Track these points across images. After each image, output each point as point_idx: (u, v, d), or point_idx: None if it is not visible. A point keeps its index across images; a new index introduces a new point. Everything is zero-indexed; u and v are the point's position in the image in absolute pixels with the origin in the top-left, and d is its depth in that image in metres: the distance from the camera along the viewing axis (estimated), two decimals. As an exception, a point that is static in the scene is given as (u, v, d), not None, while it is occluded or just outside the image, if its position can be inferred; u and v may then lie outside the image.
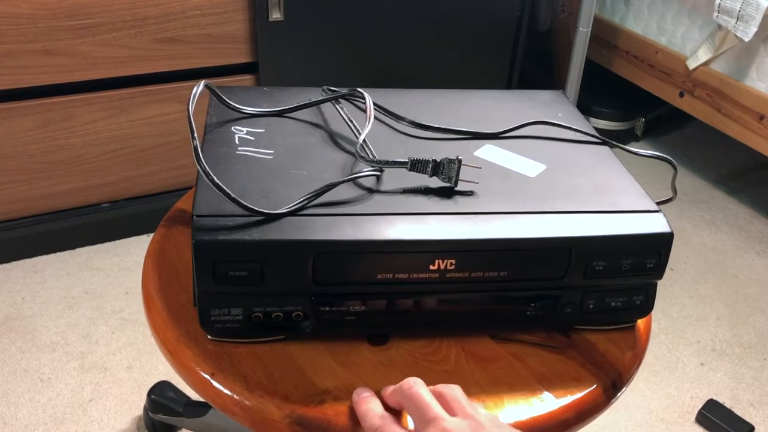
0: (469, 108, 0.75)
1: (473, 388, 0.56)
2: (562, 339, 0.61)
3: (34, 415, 1.07)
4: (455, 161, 0.59)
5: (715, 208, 1.73)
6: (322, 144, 0.65)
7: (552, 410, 0.55)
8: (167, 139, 1.39)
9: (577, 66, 1.68)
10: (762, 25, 1.46)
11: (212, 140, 0.64)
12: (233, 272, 0.52)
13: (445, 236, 0.54)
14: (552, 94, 0.80)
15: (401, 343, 0.59)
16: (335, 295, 0.56)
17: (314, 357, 0.57)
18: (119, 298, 1.31)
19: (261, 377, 0.55)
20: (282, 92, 0.74)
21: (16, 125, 1.25)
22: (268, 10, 1.32)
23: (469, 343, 0.60)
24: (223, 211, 0.54)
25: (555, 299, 0.59)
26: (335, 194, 0.57)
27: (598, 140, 0.71)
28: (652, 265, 0.58)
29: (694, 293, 1.44)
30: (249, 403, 0.53)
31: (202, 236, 0.51)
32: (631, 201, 0.61)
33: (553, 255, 0.56)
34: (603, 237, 0.56)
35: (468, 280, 0.56)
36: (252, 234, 0.52)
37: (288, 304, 0.56)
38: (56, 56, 1.22)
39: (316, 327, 0.57)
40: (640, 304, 0.61)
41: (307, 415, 0.53)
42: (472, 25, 1.56)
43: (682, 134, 2.06)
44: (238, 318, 0.55)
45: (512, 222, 0.56)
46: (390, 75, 1.54)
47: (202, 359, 0.56)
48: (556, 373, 0.58)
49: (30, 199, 1.34)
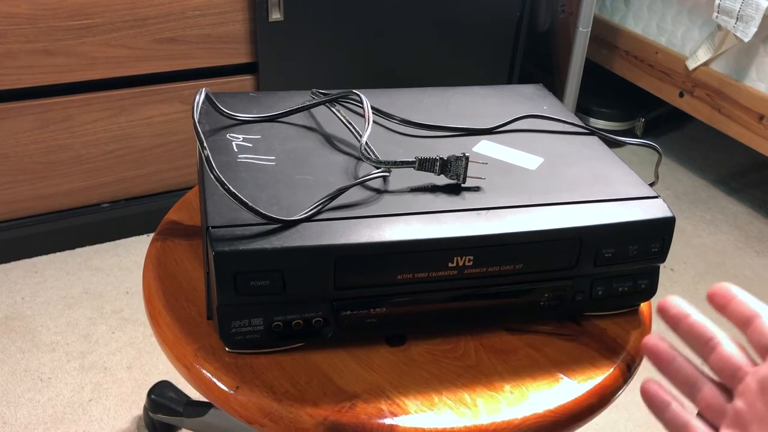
0: (457, 105, 0.76)
1: (497, 380, 0.57)
2: (574, 326, 0.63)
3: (34, 415, 1.07)
4: (462, 158, 0.59)
5: (714, 208, 1.73)
6: (321, 147, 0.65)
7: (577, 396, 0.57)
8: (167, 139, 1.40)
9: (577, 66, 1.68)
10: (762, 25, 1.46)
11: (210, 148, 0.63)
12: (254, 282, 0.52)
13: (464, 233, 0.55)
14: (533, 88, 0.81)
15: (419, 342, 0.60)
16: (356, 298, 0.56)
17: (337, 362, 0.57)
18: (119, 298, 1.31)
19: (287, 386, 0.54)
20: (269, 97, 0.74)
21: (16, 125, 1.25)
22: (268, 11, 1.32)
23: (486, 337, 0.61)
24: (238, 220, 0.53)
25: (567, 288, 0.60)
26: (345, 197, 0.57)
27: (586, 131, 0.73)
28: (657, 249, 0.60)
29: (694, 293, 1.44)
30: (279, 413, 0.53)
31: (221, 247, 0.51)
32: (629, 188, 0.62)
33: (565, 245, 0.58)
34: (611, 225, 0.58)
35: (485, 275, 0.57)
36: (272, 242, 0.51)
37: (308, 311, 0.55)
38: (56, 56, 1.22)
39: (337, 332, 0.57)
40: (645, 288, 0.63)
41: (341, 420, 0.52)
42: (472, 25, 1.56)
43: (682, 134, 2.06)
44: (259, 328, 0.55)
45: (524, 215, 0.57)
46: (389, 75, 1.54)
47: (224, 373, 0.55)
48: (573, 359, 0.60)
49: (30, 199, 1.34)
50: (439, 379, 0.56)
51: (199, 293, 0.63)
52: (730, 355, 0.44)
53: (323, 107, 0.72)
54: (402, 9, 1.46)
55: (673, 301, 0.46)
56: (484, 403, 0.55)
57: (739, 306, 0.44)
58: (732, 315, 0.45)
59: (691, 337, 0.46)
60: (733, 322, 0.45)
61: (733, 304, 0.45)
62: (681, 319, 0.46)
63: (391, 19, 1.46)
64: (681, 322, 0.46)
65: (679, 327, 0.46)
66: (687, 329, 0.46)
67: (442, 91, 0.79)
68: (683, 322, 0.46)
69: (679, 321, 0.46)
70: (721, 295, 0.45)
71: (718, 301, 0.45)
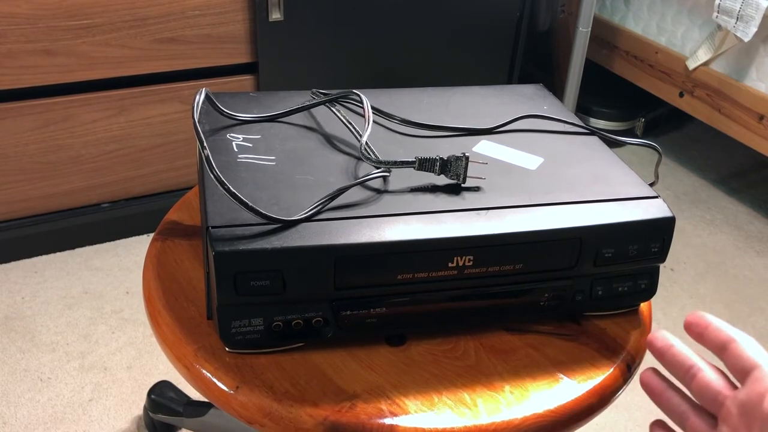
0: (457, 105, 0.76)
1: (497, 380, 0.57)
2: (574, 326, 0.63)
3: (33, 415, 1.07)
4: (462, 158, 0.59)
5: (714, 208, 1.73)
6: (321, 147, 0.65)
7: (577, 396, 0.57)
8: (167, 139, 1.40)
9: (577, 66, 1.68)
10: (762, 25, 1.46)
11: (210, 148, 0.63)
12: (255, 282, 0.52)
13: (464, 233, 0.55)
14: (534, 88, 0.81)
15: (419, 342, 0.60)
16: (356, 298, 0.56)
17: (337, 362, 0.57)
18: (119, 298, 1.31)
19: (287, 386, 0.54)
20: (269, 97, 0.74)
21: (16, 125, 1.25)
22: (268, 10, 1.32)
23: (486, 337, 0.61)
24: (238, 220, 0.53)
25: (567, 288, 0.60)
26: (345, 197, 0.57)
27: (586, 131, 0.73)
28: (657, 249, 0.60)
29: (694, 293, 1.44)
30: (279, 413, 0.53)
31: (222, 247, 0.51)
32: (629, 188, 0.62)
33: (565, 245, 0.58)
34: (611, 225, 0.58)
35: (485, 275, 0.57)
36: (272, 242, 0.51)
37: (308, 311, 0.55)
38: (56, 56, 1.22)
39: (337, 332, 0.57)
40: (645, 288, 0.63)
41: (341, 420, 0.52)
42: (472, 25, 1.56)
43: (682, 134, 2.06)
44: (259, 328, 0.55)
45: (525, 215, 0.57)
46: (389, 75, 1.54)
47: (224, 373, 0.55)
48: (573, 359, 0.60)
49: (30, 199, 1.34)
50: (439, 379, 0.56)
51: (199, 293, 0.63)
52: (709, 381, 0.45)
53: (323, 107, 0.72)
54: (402, 9, 1.46)
55: (659, 335, 0.49)
56: (484, 403, 0.55)
57: (714, 333, 0.46)
58: (708, 342, 0.46)
59: (674, 367, 0.48)
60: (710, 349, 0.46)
61: (709, 332, 0.46)
62: (665, 350, 0.48)
63: (391, 19, 1.46)
64: (665, 354, 0.48)
65: (664, 358, 0.48)
66: (670, 359, 0.48)
67: (442, 91, 0.79)
68: (667, 353, 0.48)
69: (663, 353, 0.48)
70: (696, 323, 0.47)
71: (695, 330, 0.47)
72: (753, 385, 0.42)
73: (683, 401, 0.48)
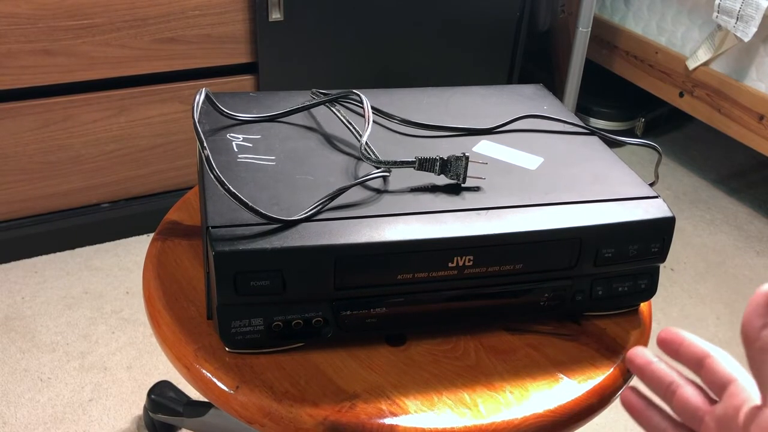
0: (457, 105, 0.76)
1: (497, 380, 0.57)
2: (574, 326, 0.63)
3: (33, 415, 1.07)
4: (462, 158, 0.59)
5: (714, 208, 1.73)
6: (321, 147, 0.65)
7: (577, 396, 0.57)
8: (167, 139, 1.40)
9: (577, 66, 1.68)
10: (762, 25, 1.46)
11: (210, 148, 0.63)
12: (254, 282, 0.52)
13: (464, 233, 0.55)
14: (534, 88, 0.82)
15: (419, 342, 0.60)
16: (356, 298, 0.56)
17: (337, 362, 0.57)
18: (119, 298, 1.31)
19: (287, 386, 0.54)
20: (269, 97, 0.74)
21: (16, 125, 1.25)
22: (268, 10, 1.32)
23: (486, 337, 0.61)
24: (238, 220, 0.53)
25: (567, 288, 0.60)
26: (345, 197, 0.57)
27: (586, 131, 0.73)
28: (657, 249, 0.60)
29: (694, 293, 1.44)
30: (279, 413, 0.53)
31: (221, 247, 0.51)
32: (629, 188, 0.62)
33: (565, 245, 0.58)
34: (611, 225, 0.58)
35: (485, 275, 0.57)
36: (272, 242, 0.51)
37: (308, 311, 0.55)
38: (56, 56, 1.22)
39: (337, 332, 0.57)
40: (645, 288, 0.63)
41: (341, 420, 0.52)
42: (472, 25, 1.56)
43: (682, 134, 2.06)
44: (259, 328, 0.55)
45: (525, 215, 0.58)
46: (389, 75, 1.54)
47: (224, 372, 0.55)
48: (573, 359, 0.60)
49: (30, 199, 1.34)
50: (439, 379, 0.56)
51: (199, 293, 0.63)
52: (688, 398, 0.45)
53: (323, 107, 0.72)
54: (402, 9, 1.46)
55: (638, 351, 0.48)
56: (484, 403, 0.55)
57: (689, 348, 0.46)
58: (684, 358, 0.46)
59: (654, 383, 0.47)
60: (686, 365, 0.46)
61: (684, 348, 0.46)
62: (644, 367, 0.48)
63: (391, 19, 1.47)
64: (645, 370, 0.48)
65: (644, 375, 0.48)
66: (650, 376, 0.47)
67: (442, 91, 0.79)
68: (647, 369, 0.48)
69: (643, 369, 0.48)
70: (671, 340, 0.47)
71: (670, 348, 0.47)
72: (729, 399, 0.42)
73: (663, 419, 0.48)
